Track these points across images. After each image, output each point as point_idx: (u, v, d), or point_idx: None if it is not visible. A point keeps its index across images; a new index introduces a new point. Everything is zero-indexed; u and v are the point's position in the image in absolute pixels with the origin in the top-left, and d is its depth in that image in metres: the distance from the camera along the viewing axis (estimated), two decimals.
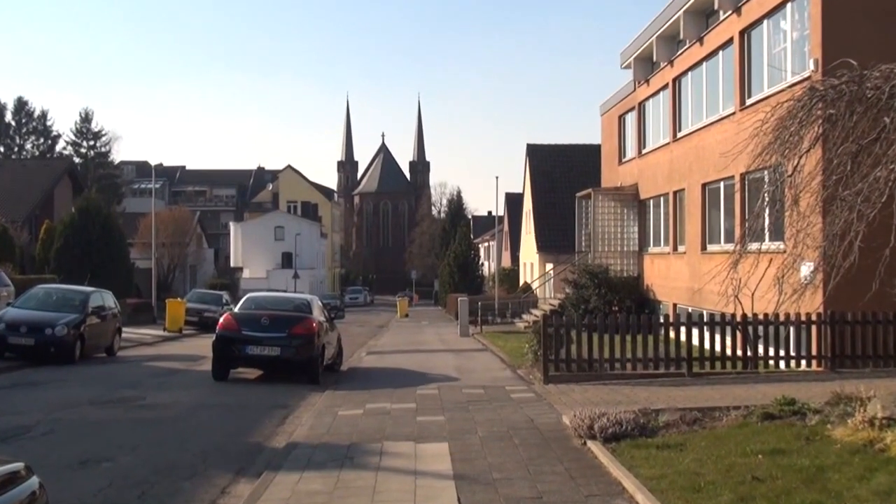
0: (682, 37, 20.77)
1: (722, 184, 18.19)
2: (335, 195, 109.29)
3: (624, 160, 26.97)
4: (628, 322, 13.50)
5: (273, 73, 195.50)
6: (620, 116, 27.29)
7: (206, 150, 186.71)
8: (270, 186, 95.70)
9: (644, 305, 23.20)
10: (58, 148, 71.63)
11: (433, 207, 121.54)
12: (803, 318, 13.28)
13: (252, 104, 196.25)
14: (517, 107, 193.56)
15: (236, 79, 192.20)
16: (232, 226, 79.99)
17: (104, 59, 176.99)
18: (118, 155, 78.68)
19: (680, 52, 21.28)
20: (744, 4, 17.00)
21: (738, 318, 13.15)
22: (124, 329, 22.53)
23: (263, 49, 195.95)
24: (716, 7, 18.20)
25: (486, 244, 69.73)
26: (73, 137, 71.81)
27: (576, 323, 13.55)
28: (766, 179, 10.11)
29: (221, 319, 15.00)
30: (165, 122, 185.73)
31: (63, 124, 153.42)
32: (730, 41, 17.72)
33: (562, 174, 42.02)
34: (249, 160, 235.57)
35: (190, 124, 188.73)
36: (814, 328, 13.50)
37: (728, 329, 13.63)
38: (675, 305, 20.96)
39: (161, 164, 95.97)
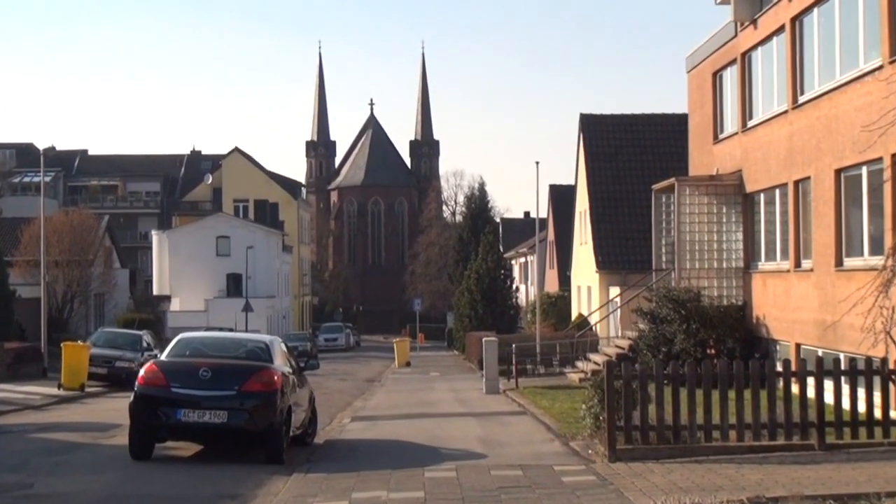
0: None
1: (864, 169, 18.14)
2: (303, 190, 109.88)
3: (721, 136, 26.97)
4: (731, 371, 13.45)
5: (212, 12, 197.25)
6: (716, 73, 27.30)
7: (118, 126, 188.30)
8: (210, 178, 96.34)
9: (753, 347, 23.10)
10: None
11: (445, 207, 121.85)
12: None
13: (182, 59, 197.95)
14: (565, 60, 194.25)
15: (159, 21, 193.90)
16: (155, 236, 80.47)
17: None
18: None
19: None
20: None
21: (892, 365, 13.09)
22: (2, 386, 22.62)
23: None
24: None
25: (522, 259, 69.77)
26: None
27: (655, 373, 13.53)
28: None
29: (142, 371, 15.04)
30: (58, 87, 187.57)
31: None
32: None
33: (631, 157, 42.01)
34: (180, 141, 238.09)
35: (93, 90, 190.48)
36: None
37: (876, 380, 13.56)
38: (798, 346, 20.86)
39: (53, 148, 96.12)
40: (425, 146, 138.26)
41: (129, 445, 14.75)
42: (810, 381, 13.63)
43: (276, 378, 14.65)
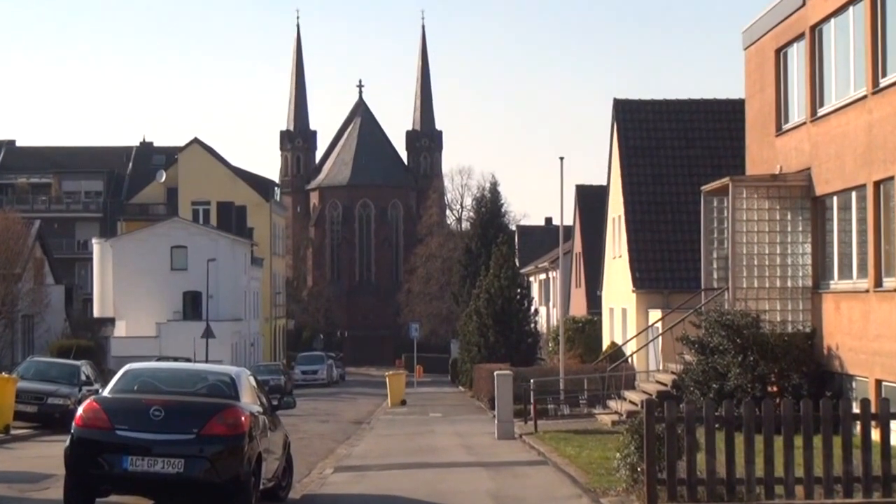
0: None
1: None
2: (277, 190, 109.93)
3: (785, 127, 26.97)
4: (797, 413, 13.41)
5: None
6: (779, 51, 27.32)
7: (52, 113, 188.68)
8: (163, 176, 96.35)
9: (823, 383, 23.08)
10: None
11: (449, 211, 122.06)
12: None
13: (130, 32, 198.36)
14: (595, 35, 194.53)
15: None
16: (96, 245, 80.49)
17: None
18: None
19: None
20: None
21: None
22: None
23: None
24: None
25: (542, 276, 69.82)
26: None
27: (705, 415, 13.49)
28: None
29: (81, 410, 15.02)
30: None
31: None
32: None
33: (676, 152, 41.96)
34: (127, 130, 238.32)
35: (22, 69, 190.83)
36: None
37: None
38: (878, 383, 20.82)
39: None
40: (425, 138, 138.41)
41: (64, 500, 14.71)
42: (894, 425, 13.58)
43: (242, 419, 14.62)
